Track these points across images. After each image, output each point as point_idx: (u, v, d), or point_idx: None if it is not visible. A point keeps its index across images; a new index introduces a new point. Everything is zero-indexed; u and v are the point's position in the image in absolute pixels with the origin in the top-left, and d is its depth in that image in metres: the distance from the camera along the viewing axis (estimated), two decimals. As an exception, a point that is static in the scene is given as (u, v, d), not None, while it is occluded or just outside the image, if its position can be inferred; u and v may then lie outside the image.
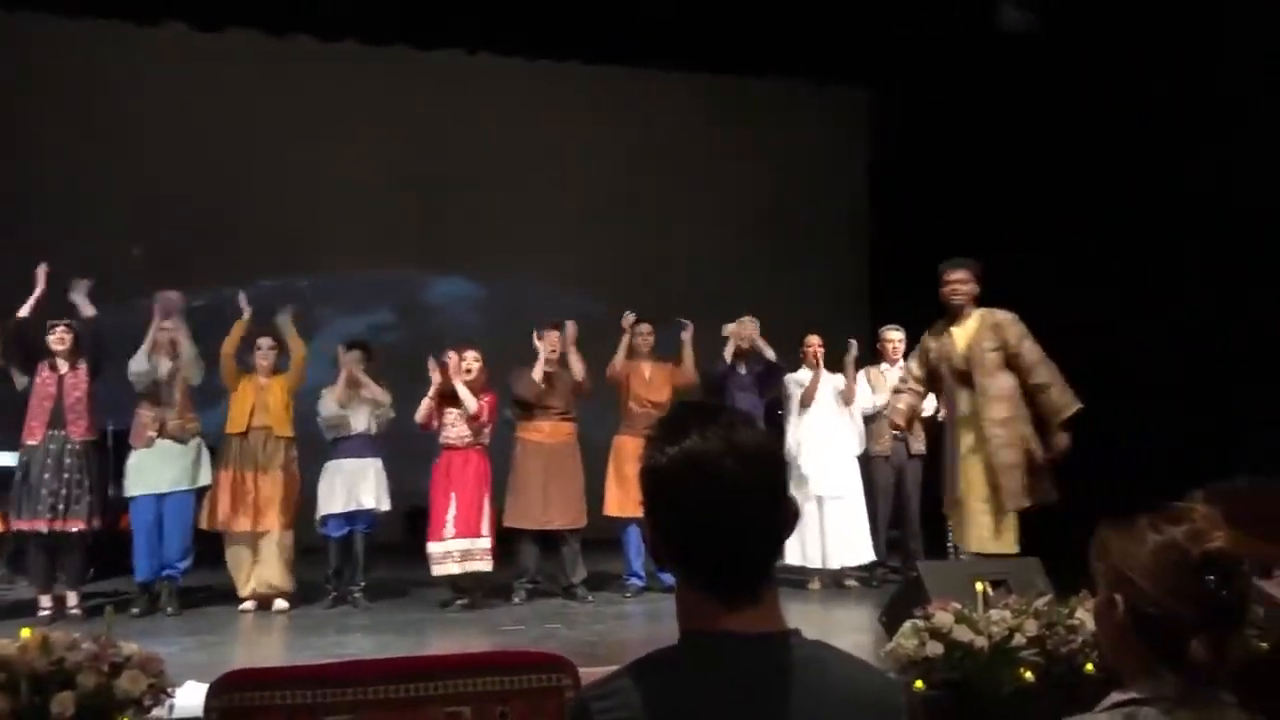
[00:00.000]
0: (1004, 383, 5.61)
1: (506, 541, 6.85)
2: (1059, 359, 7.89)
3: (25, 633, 3.42)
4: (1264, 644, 3.59)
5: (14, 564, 7.16)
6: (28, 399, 6.40)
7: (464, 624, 6.27)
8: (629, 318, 7.30)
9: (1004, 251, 8.65)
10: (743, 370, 7.45)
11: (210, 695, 3.10)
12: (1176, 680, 1.50)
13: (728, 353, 7.39)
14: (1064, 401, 5.61)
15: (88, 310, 6.54)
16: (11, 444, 6.58)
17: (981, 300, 5.86)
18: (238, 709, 3.16)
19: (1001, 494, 5.54)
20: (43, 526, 6.25)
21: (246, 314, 6.83)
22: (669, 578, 6.01)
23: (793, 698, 1.31)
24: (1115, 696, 1.56)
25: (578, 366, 7.02)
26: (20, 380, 6.39)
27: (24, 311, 6.41)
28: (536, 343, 6.99)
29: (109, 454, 6.95)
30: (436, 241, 10.30)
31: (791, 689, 1.31)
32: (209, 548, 6.76)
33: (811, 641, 1.38)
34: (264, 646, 5.89)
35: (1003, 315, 5.69)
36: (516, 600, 6.79)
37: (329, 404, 6.81)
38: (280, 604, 6.61)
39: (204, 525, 6.62)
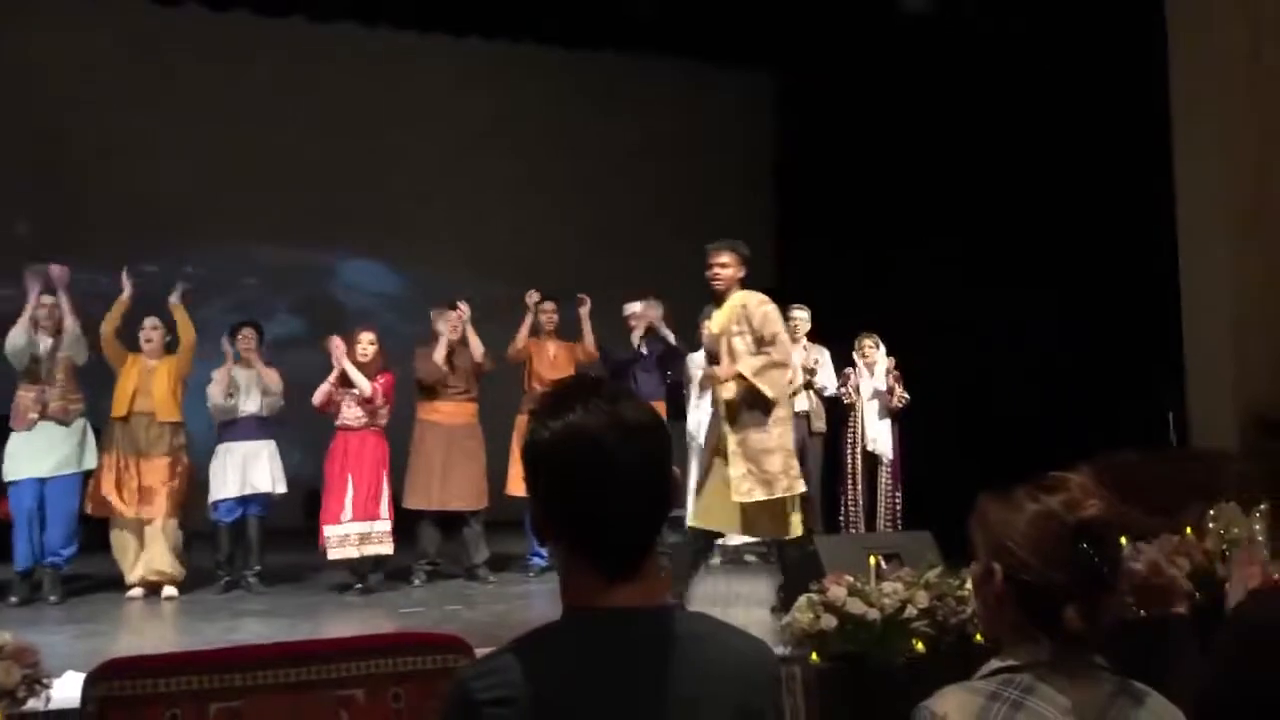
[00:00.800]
0: (754, 363, 5.36)
1: (406, 523, 6.76)
2: (959, 335, 8.11)
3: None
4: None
5: None
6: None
7: (362, 608, 6.18)
8: (533, 295, 7.26)
9: (909, 233, 8.87)
10: (644, 351, 7.46)
11: (88, 685, 3.00)
12: (1051, 646, 1.54)
13: (635, 335, 7.39)
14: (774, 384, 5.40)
15: None
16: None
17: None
18: (118, 698, 3.06)
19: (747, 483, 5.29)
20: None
21: (126, 292, 6.61)
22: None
23: (672, 670, 1.30)
24: (994, 664, 1.58)
25: (476, 346, 6.96)
26: None
27: None
28: (436, 324, 6.91)
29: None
30: (337, 225, 10.07)
31: (671, 661, 1.31)
32: (95, 533, 6.54)
33: (692, 614, 1.37)
34: (152, 634, 5.73)
35: (751, 298, 5.48)
36: (416, 582, 6.72)
37: (213, 392, 6.63)
38: (169, 590, 6.43)
39: (88, 510, 6.40)
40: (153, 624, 5.97)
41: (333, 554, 6.47)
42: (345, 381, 6.59)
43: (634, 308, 7.46)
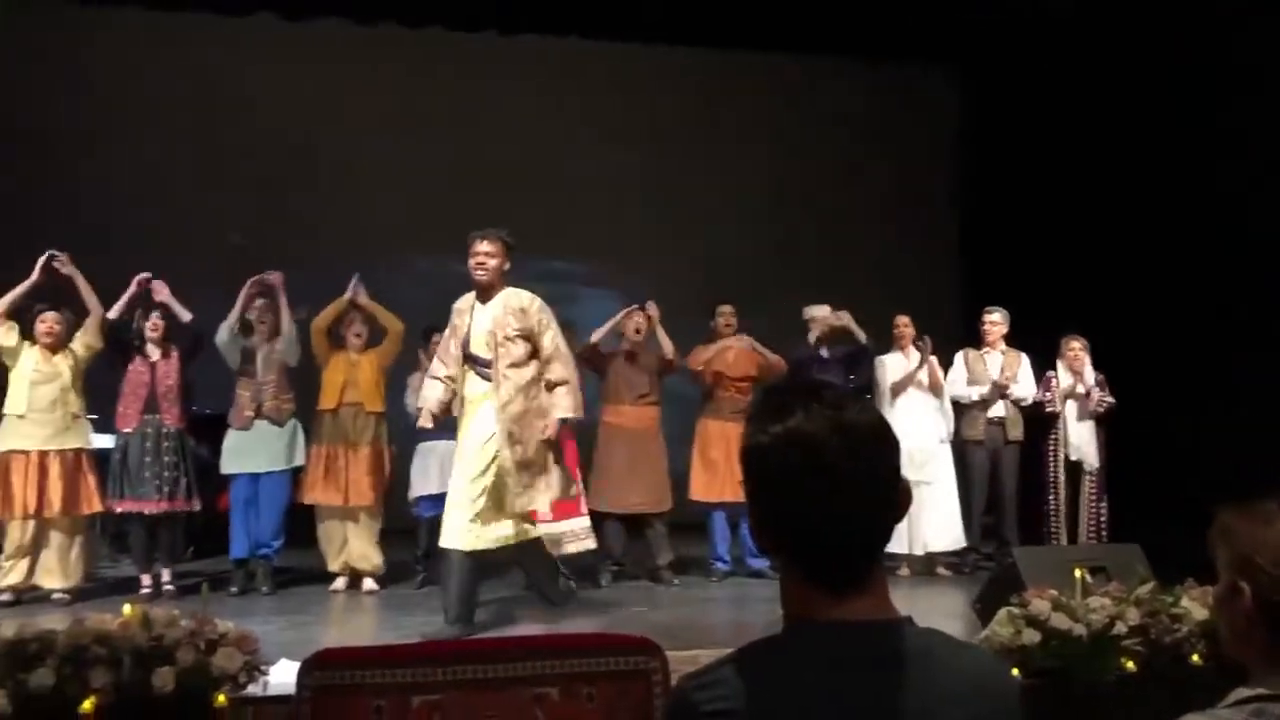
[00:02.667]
0: (524, 372, 5.26)
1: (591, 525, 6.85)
2: (1142, 343, 7.60)
3: (128, 609, 3.51)
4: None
5: (116, 543, 7.37)
6: (120, 385, 6.55)
7: (556, 607, 6.27)
8: (727, 310, 7.27)
9: (1108, 230, 8.45)
10: (825, 354, 7.33)
11: (302, 673, 3.14)
12: (1309, 674, 1.41)
13: (812, 336, 7.29)
14: (569, 403, 5.32)
15: (184, 316, 6.64)
16: (108, 426, 6.74)
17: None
18: (329, 687, 3.19)
19: (505, 490, 5.28)
20: (143, 508, 6.42)
21: (351, 295, 6.85)
22: (758, 563, 5.95)
23: (904, 688, 1.24)
24: (1241, 692, 1.47)
25: (667, 344, 7.00)
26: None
27: (113, 313, 6.52)
28: (624, 324, 7.00)
29: (207, 436, 7.07)
30: (527, 231, 10.21)
31: (903, 679, 1.24)
32: (301, 527, 6.86)
33: (924, 629, 1.31)
34: (354, 626, 5.98)
35: (529, 298, 5.30)
36: (602, 583, 6.79)
37: (409, 395, 6.87)
38: (369, 584, 6.69)
39: (300, 499, 6.72)
40: (355, 616, 6.23)
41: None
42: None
43: (816, 311, 7.34)
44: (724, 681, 1.24)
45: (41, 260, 6.33)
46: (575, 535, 6.55)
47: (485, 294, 5.26)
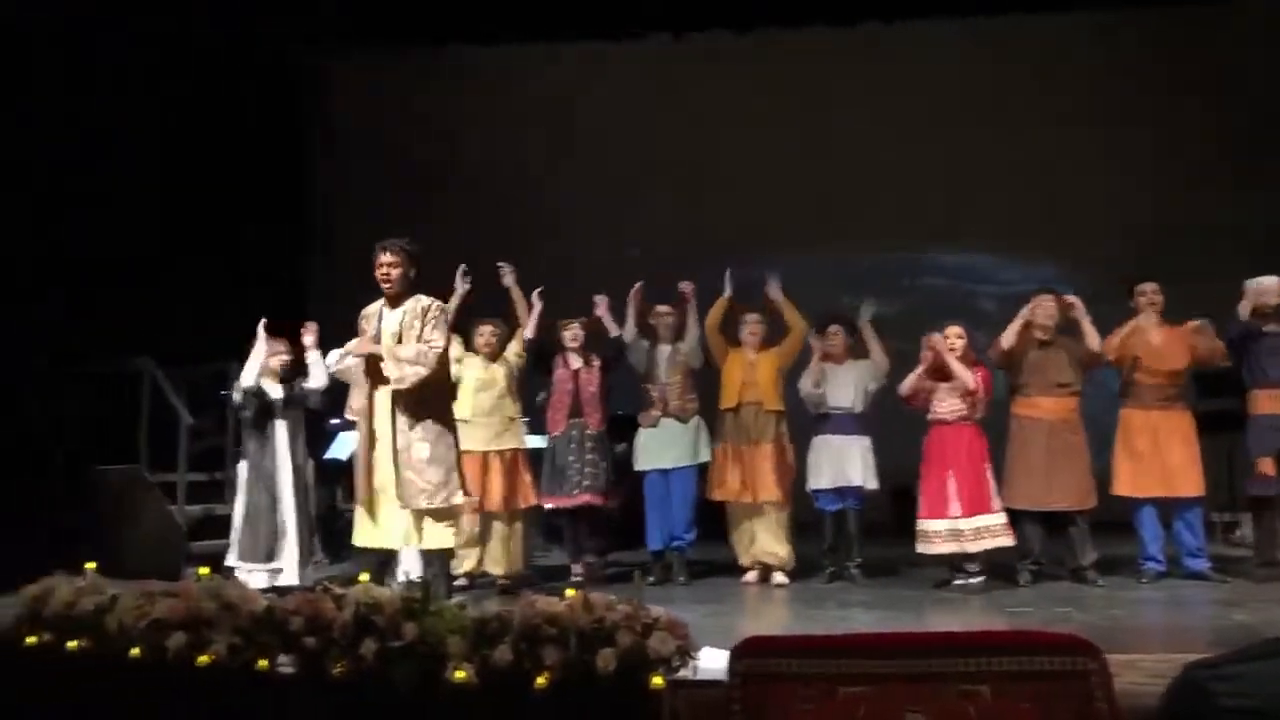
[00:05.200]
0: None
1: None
2: None
3: (570, 593, 3.80)
4: None
5: (548, 534, 8.02)
6: (550, 392, 7.11)
7: (964, 604, 6.10)
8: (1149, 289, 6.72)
9: None
10: (1274, 328, 6.55)
11: (734, 659, 3.26)
12: None
13: (1243, 309, 6.55)
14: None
15: (613, 330, 7.08)
16: (541, 428, 7.34)
17: None
18: (759, 674, 3.29)
19: (405, 491, 5.38)
20: (570, 503, 6.94)
21: (728, 292, 7.06)
22: (1197, 563, 5.41)
23: None
24: None
25: (1092, 335, 6.57)
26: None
27: (529, 334, 7.03)
28: (1033, 312, 6.65)
29: (621, 435, 7.51)
30: (914, 220, 10.13)
31: None
32: (714, 520, 7.12)
33: None
34: (769, 616, 6.11)
35: (422, 302, 5.42)
36: (1021, 582, 6.49)
37: (804, 384, 6.92)
38: (779, 577, 6.82)
39: (707, 496, 6.98)
40: (768, 607, 6.37)
41: (932, 549, 6.47)
42: (936, 375, 6.57)
43: (1267, 282, 6.57)
44: (1253, 678, 1.13)
45: (460, 271, 6.93)
46: (990, 532, 6.33)
47: (394, 300, 5.50)
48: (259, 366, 6.52)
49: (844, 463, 6.81)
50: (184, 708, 4.18)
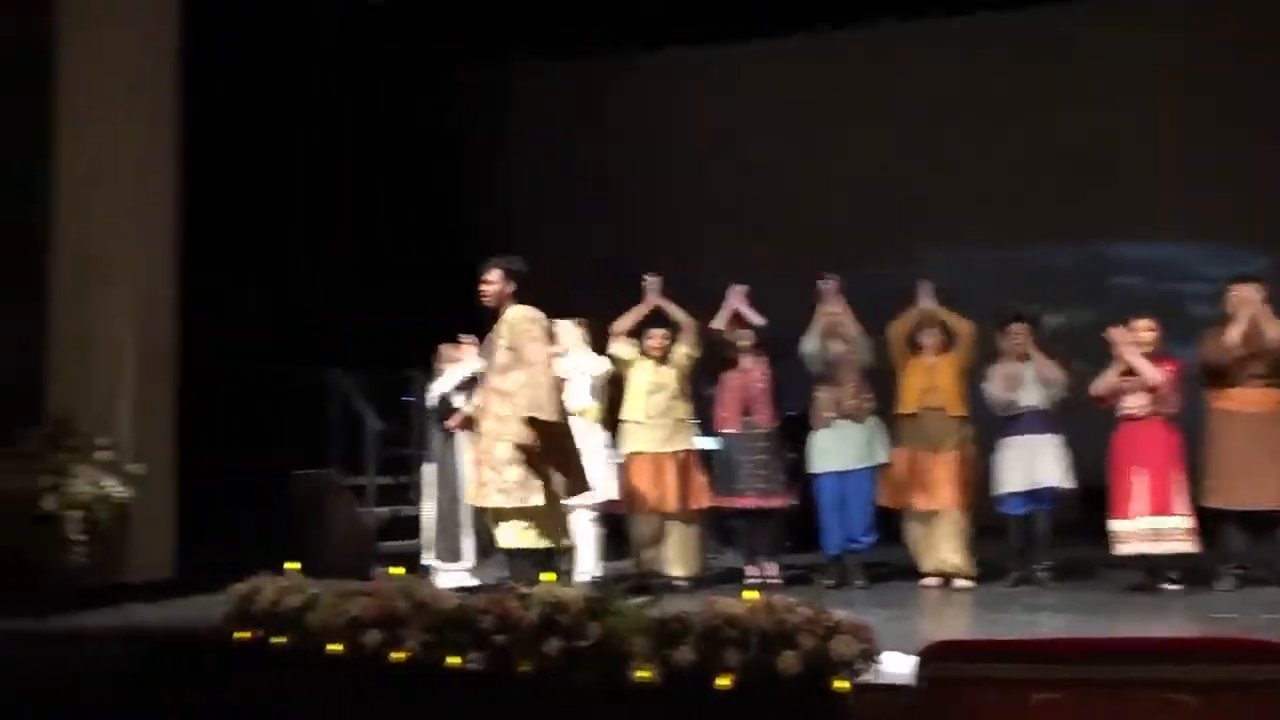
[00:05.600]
0: (511, 380, 5.51)
1: (1207, 522, 6.23)
2: None
3: (749, 595, 3.80)
4: None
5: (721, 537, 8.02)
6: (719, 392, 7.12)
7: (1159, 609, 5.82)
8: None
9: None
10: None
11: (922, 663, 3.20)
12: None
13: None
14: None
15: (756, 320, 7.07)
16: (710, 429, 7.36)
17: None
18: (948, 678, 3.21)
19: (486, 489, 5.50)
20: (743, 504, 6.93)
21: (923, 303, 6.87)
22: None
23: None
24: None
25: (1273, 330, 6.18)
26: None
27: (717, 324, 7.06)
28: (1237, 307, 6.29)
29: (795, 437, 7.45)
30: (1094, 211, 9.73)
31: None
32: (893, 523, 6.99)
33: None
34: (951, 621, 5.97)
35: (516, 313, 5.63)
36: (1223, 587, 6.15)
37: (992, 386, 6.71)
38: (962, 582, 6.64)
39: (882, 502, 6.86)
40: (951, 611, 6.22)
41: (1121, 549, 6.20)
42: (1130, 371, 6.29)
43: None
44: None
45: (647, 281, 7.02)
46: (1171, 535, 6.04)
47: (495, 315, 5.78)
48: (460, 376, 6.80)
49: (1036, 463, 6.58)
50: (379, 702, 4.37)
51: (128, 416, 6.89)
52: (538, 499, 5.40)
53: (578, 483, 5.66)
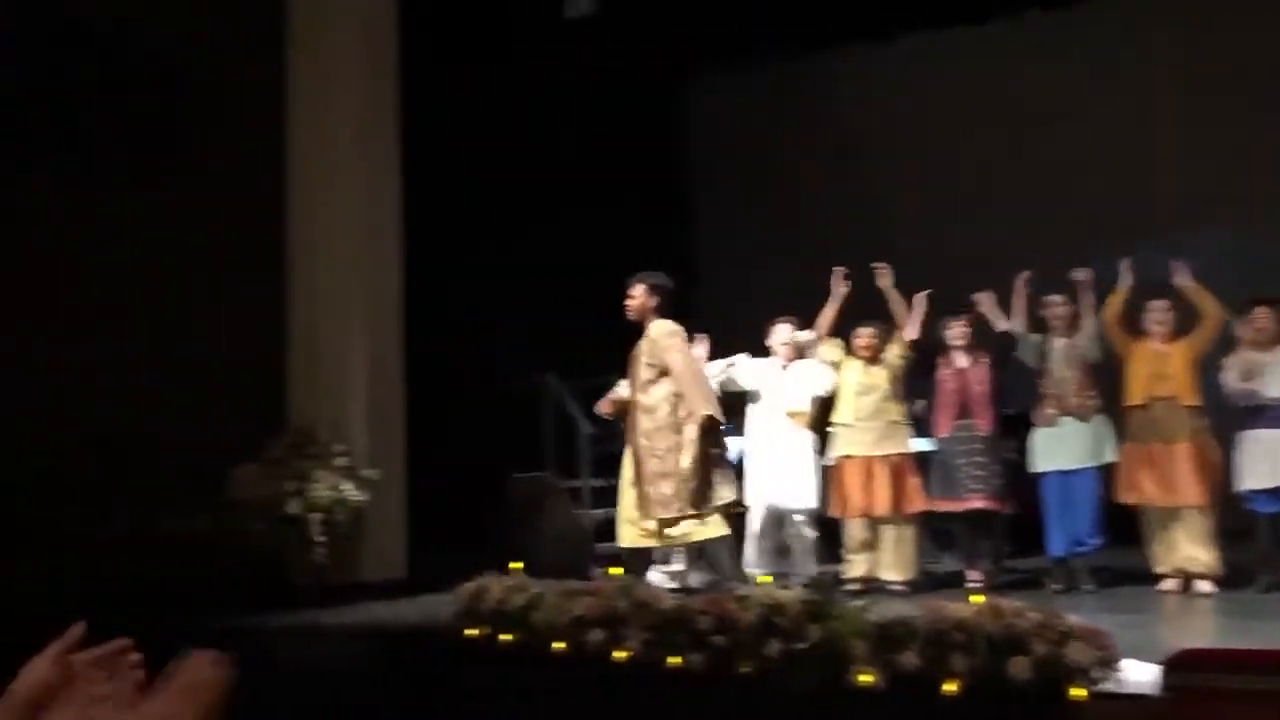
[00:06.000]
0: (655, 394, 5.79)
1: None
2: None
3: (976, 599, 3.69)
4: None
5: (938, 540, 7.81)
6: (933, 394, 6.92)
7: None
8: None
9: None
10: None
11: (1167, 672, 3.03)
12: None
13: None
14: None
15: (1000, 324, 6.83)
16: (925, 431, 7.16)
17: None
18: (1197, 689, 3.04)
19: (646, 502, 5.82)
20: (961, 507, 6.72)
21: (1127, 282, 6.58)
22: None
23: None
24: None
25: None
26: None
27: (912, 334, 6.86)
28: None
29: (1014, 435, 7.17)
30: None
31: None
32: (1122, 524, 6.64)
33: None
34: (1194, 628, 5.61)
35: (657, 328, 5.83)
36: None
37: (1228, 376, 6.28)
38: (1203, 586, 6.24)
39: (1117, 498, 6.52)
40: (1193, 619, 5.86)
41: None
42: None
43: None
44: None
45: (838, 274, 6.92)
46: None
47: (639, 328, 6.05)
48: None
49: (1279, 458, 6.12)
50: (603, 700, 4.47)
51: (361, 424, 7.32)
52: (698, 505, 5.78)
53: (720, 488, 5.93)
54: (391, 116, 7.71)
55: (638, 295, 6.03)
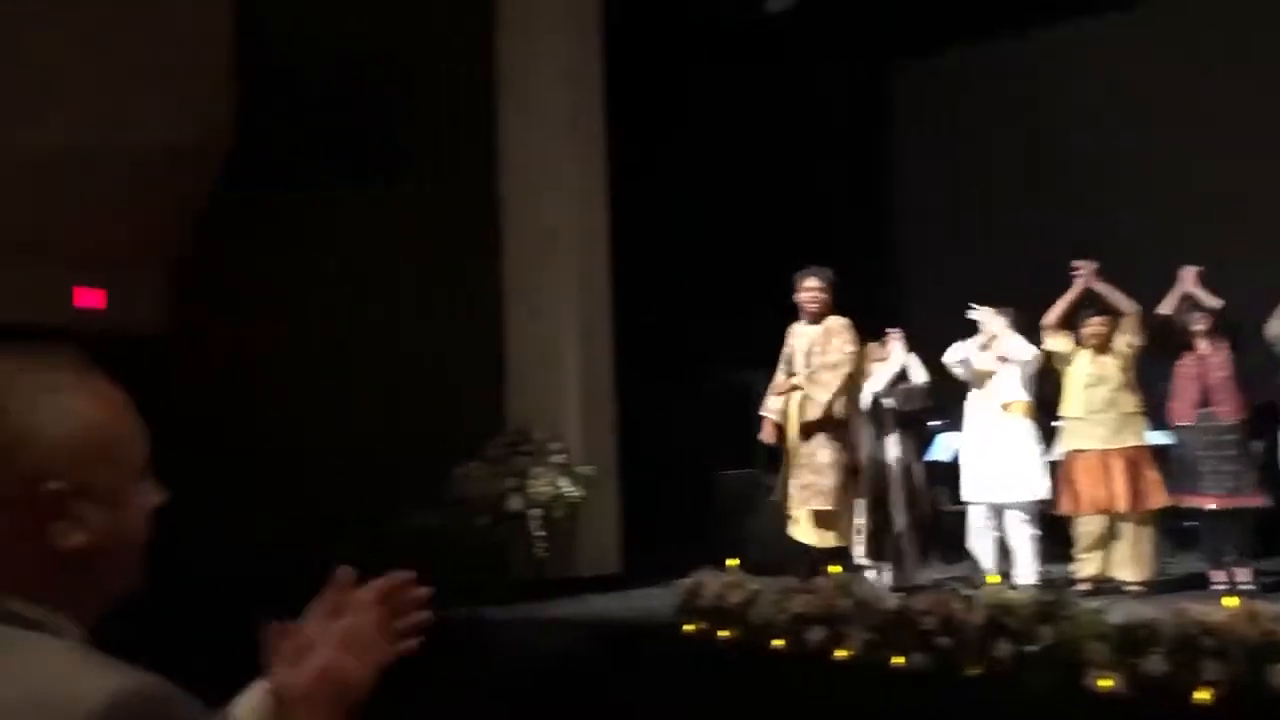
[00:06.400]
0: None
1: None
2: None
3: (1229, 602, 3.43)
4: None
5: (1176, 539, 7.31)
6: (1172, 381, 6.50)
7: None
8: None
9: None
10: None
11: None
12: None
13: None
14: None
15: (1211, 301, 6.39)
16: (1159, 424, 6.73)
17: None
18: None
19: (809, 492, 5.79)
20: (1204, 503, 6.28)
21: None
22: None
23: None
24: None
25: None
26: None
27: (1165, 309, 6.50)
28: None
29: (1268, 427, 6.66)
30: None
31: None
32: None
33: None
34: None
35: (835, 322, 5.98)
36: None
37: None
38: None
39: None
40: None
41: None
42: None
43: None
44: None
45: (1083, 268, 6.60)
46: None
47: (813, 319, 6.12)
48: (890, 374, 6.73)
49: None
50: (822, 698, 4.40)
51: (575, 422, 7.48)
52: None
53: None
54: (598, 116, 7.86)
55: (822, 289, 6.09)
